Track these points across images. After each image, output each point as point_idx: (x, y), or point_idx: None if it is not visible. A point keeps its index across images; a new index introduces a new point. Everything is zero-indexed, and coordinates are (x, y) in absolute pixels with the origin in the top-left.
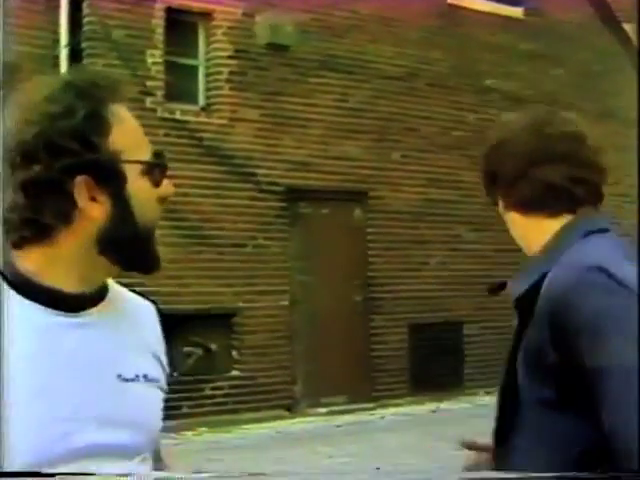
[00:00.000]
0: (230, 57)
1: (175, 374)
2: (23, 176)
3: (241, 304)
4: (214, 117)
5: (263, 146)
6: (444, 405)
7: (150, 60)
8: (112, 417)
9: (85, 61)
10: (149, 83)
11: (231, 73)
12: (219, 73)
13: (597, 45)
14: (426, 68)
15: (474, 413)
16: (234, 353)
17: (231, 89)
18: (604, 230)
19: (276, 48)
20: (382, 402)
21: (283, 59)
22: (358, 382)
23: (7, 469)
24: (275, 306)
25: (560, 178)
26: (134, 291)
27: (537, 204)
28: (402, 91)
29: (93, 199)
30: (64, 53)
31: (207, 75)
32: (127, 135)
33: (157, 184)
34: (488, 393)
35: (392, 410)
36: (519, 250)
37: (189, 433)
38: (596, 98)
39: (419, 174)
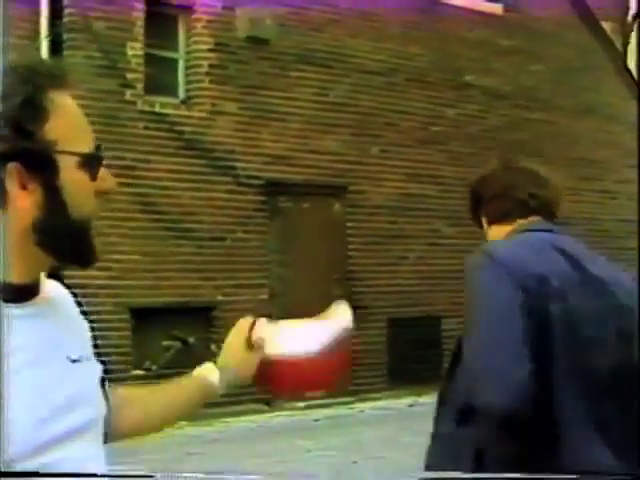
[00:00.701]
0: (210, 50)
1: (154, 367)
2: None
3: (220, 297)
4: (194, 110)
5: (243, 140)
6: (422, 399)
7: (130, 52)
8: (75, 397)
9: (65, 53)
10: (129, 75)
11: (211, 66)
12: (199, 66)
13: (576, 42)
14: (405, 63)
15: None
16: (213, 346)
17: (211, 82)
18: (548, 230)
19: (256, 41)
20: (361, 396)
21: (263, 53)
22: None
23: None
24: (254, 300)
25: (521, 195)
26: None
27: (506, 215)
28: (382, 86)
29: (23, 187)
30: (45, 45)
31: (187, 68)
32: (65, 125)
33: (94, 177)
34: None
35: (370, 404)
36: None
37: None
38: (575, 94)
39: (398, 169)
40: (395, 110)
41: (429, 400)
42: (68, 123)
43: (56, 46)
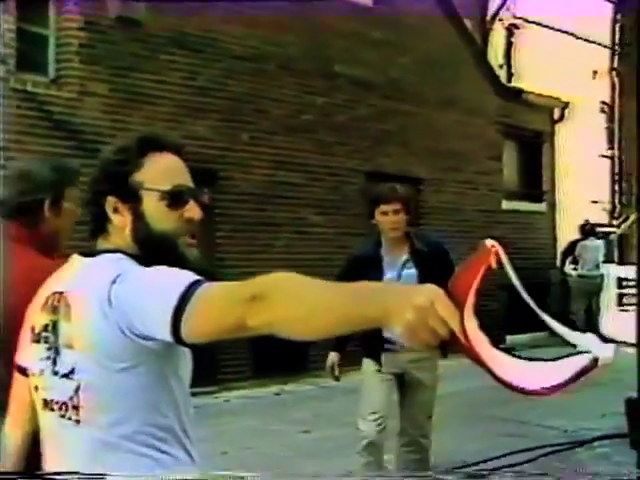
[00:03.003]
0: (80, 29)
1: None
2: (85, 195)
3: None
4: (64, 90)
5: (111, 122)
6: (288, 387)
7: (5, 26)
8: None
9: None
10: (3, 50)
11: (81, 45)
12: (69, 45)
13: (440, 36)
14: (276, 51)
15: (317, 395)
16: None
17: (81, 62)
18: None
19: (127, 22)
20: (226, 385)
21: (134, 34)
22: (201, 365)
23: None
24: None
25: None
26: None
27: None
28: (252, 72)
29: (116, 211)
30: None
31: (57, 46)
32: (154, 171)
33: (176, 207)
34: (331, 374)
35: (236, 393)
36: (361, 234)
37: None
38: (439, 87)
39: (267, 156)
40: (265, 97)
41: (295, 388)
42: (157, 170)
43: None
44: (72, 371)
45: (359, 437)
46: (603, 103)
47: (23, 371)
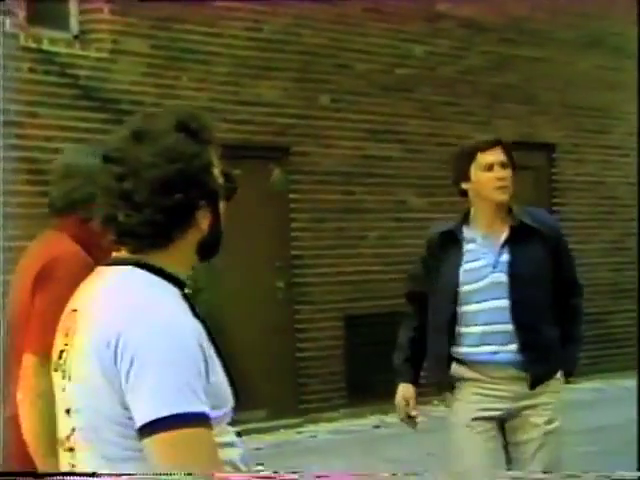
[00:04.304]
0: None
1: None
2: (166, 201)
3: None
4: (91, 49)
5: (154, 87)
6: (390, 418)
7: None
8: None
9: None
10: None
11: None
12: None
13: None
14: None
15: (428, 427)
16: None
17: (112, 13)
18: None
19: None
20: (312, 416)
21: None
22: (281, 392)
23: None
24: None
25: None
26: None
27: None
28: (330, 18)
29: (205, 216)
30: None
31: None
32: (218, 167)
33: (228, 199)
34: (443, 401)
35: (325, 426)
36: None
37: None
38: (575, 22)
39: (353, 123)
40: (349, 49)
41: (397, 419)
42: (213, 161)
43: None
44: (70, 409)
45: None
46: None
47: None
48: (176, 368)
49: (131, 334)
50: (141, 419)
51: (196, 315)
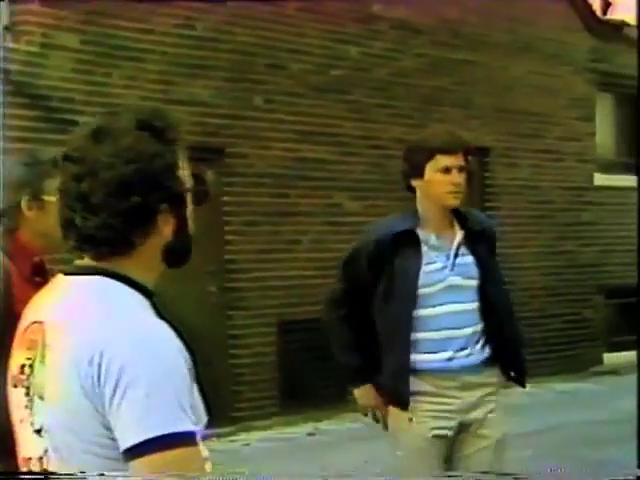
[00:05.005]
0: None
1: None
2: (123, 204)
3: None
4: (21, 42)
5: (84, 84)
6: (324, 425)
7: None
8: None
9: None
10: None
11: None
12: None
13: None
14: None
15: (362, 435)
16: None
17: (43, 4)
18: None
19: None
20: (245, 424)
21: None
22: (213, 399)
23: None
24: None
25: None
26: None
27: None
28: (264, 16)
29: (167, 221)
30: None
31: None
32: (185, 168)
33: (199, 203)
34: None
35: (258, 434)
36: None
37: None
38: (508, 26)
39: (287, 125)
40: (283, 48)
41: (332, 427)
42: (181, 164)
43: None
44: (41, 429)
45: None
46: None
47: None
48: (166, 386)
49: (116, 351)
50: (129, 440)
51: (172, 327)
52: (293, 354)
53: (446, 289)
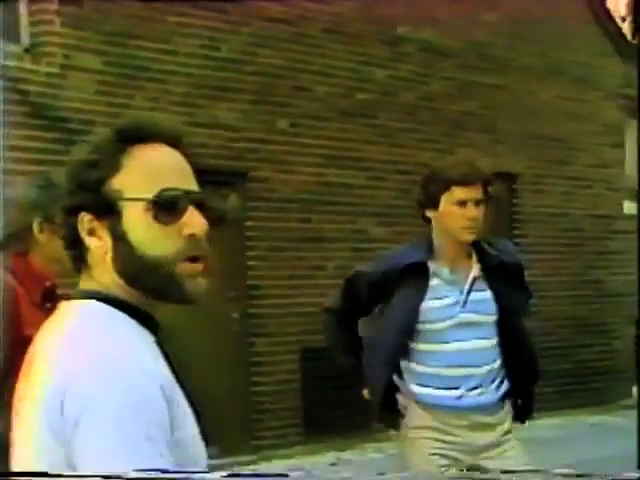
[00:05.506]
0: None
1: None
2: (66, 220)
3: None
4: (41, 63)
5: (107, 106)
6: (347, 455)
7: None
8: None
9: None
10: None
11: (62, 1)
12: (47, 1)
13: None
14: (322, 9)
15: (386, 465)
16: None
17: (64, 25)
18: None
19: None
20: (265, 453)
21: None
22: (234, 427)
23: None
24: None
25: None
26: None
27: None
28: (290, 38)
29: (92, 233)
30: None
31: (31, 2)
32: (133, 173)
33: (170, 221)
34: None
35: (279, 463)
36: None
37: None
38: (537, 50)
39: (313, 149)
40: (309, 70)
41: (355, 457)
42: (138, 171)
43: None
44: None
45: None
46: None
47: None
48: (132, 420)
49: (82, 384)
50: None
51: (164, 354)
52: (316, 382)
53: (458, 326)
